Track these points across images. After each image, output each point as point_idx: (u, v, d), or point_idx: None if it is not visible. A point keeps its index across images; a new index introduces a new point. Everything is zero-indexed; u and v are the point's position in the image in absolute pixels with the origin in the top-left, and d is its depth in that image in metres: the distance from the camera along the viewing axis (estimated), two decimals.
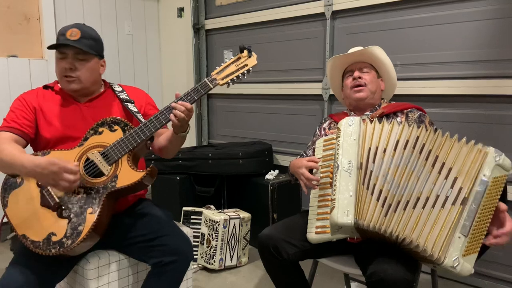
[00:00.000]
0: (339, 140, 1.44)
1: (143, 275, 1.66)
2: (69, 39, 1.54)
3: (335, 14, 2.74)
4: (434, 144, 1.34)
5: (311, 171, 1.55)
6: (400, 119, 1.66)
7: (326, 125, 1.84)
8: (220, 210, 2.64)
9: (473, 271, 1.26)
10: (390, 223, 1.32)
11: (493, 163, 1.28)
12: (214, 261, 2.51)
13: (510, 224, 1.29)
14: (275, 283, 1.67)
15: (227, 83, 1.52)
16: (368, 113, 1.73)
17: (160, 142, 1.66)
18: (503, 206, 1.31)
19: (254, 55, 1.55)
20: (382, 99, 1.80)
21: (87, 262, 1.54)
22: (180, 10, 3.74)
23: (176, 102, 1.48)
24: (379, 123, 1.44)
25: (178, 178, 2.89)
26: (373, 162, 1.39)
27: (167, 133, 1.62)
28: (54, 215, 1.44)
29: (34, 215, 1.45)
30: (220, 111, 3.63)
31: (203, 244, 2.55)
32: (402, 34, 2.47)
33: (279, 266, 1.57)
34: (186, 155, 2.95)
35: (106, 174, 1.48)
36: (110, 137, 1.52)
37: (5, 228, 1.59)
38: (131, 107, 1.65)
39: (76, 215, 1.44)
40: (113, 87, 1.73)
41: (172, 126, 1.54)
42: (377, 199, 1.35)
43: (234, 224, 2.55)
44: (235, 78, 1.53)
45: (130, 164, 1.49)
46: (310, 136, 1.95)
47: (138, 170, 1.49)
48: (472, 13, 2.22)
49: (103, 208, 1.45)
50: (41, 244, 1.41)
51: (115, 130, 1.54)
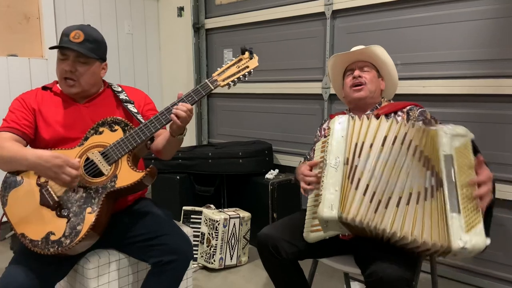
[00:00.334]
0: (329, 139, 1.45)
1: (143, 274, 1.66)
2: (72, 42, 1.53)
3: (335, 13, 2.74)
4: (418, 139, 1.35)
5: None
6: (401, 118, 1.66)
7: (325, 125, 1.84)
8: (220, 210, 2.65)
9: (488, 241, 1.22)
10: (381, 219, 1.29)
11: (445, 137, 1.31)
12: (214, 260, 2.51)
13: (485, 172, 1.30)
14: (275, 282, 1.67)
15: (228, 84, 1.52)
16: (368, 112, 1.73)
17: (157, 143, 1.65)
18: (479, 159, 1.32)
19: (255, 57, 1.55)
20: (382, 98, 1.80)
21: (87, 261, 1.54)
22: (180, 9, 3.74)
23: (177, 103, 1.48)
24: (367, 119, 1.44)
25: (178, 178, 2.89)
26: (358, 157, 1.38)
27: (164, 134, 1.61)
28: (53, 214, 1.44)
29: (33, 214, 1.45)
30: (220, 111, 3.63)
31: (203, 243, 2.55)
32: (402, 33, 2.47)
33: (278, 265, 1.57)
34: (186, 154, 2.95)
35: (106, 174, 1.48)
36: (110, 137, 1.52)
37: (4, 228, 1.59)
38: (130, 107, 1.65)
39: (75, 214, 1.44)
40: (112, 87, 1.72)
41: (170, 128, 1.53)
42: (363, 193, 1.33)
43: (234, 224, 2.55)
44: (236, 80, 1.53)
45: (130, 164, 1.49)
46: (310, 135, 1.95)
47: (138, 171, 1.49)
48: (472, 12, 2.22)
49: (102, 208, 1.45)
50: (39, 243, 1.41)
51: (115, 130, 1.53)
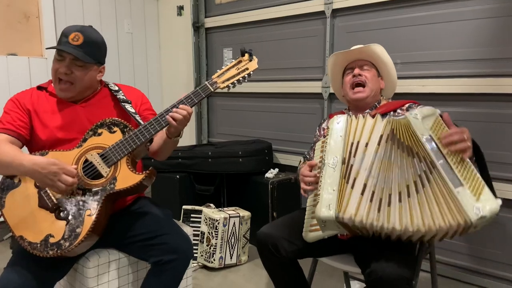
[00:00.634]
0: (327, 138, 1.45)
1: (143, 273, 1.66)
2: (70, 44, 1.50)
3: (335, 12, 2.74)
4: (397, 131, 1.36)
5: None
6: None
7: (325, 125, 1.83)
8: (220, 209, 2.64)
9: (500, 201, 1.22)
10: (387, 218, 1.28)
11: (416, 121, 1.33)
12: (214, 259, 2.51)
13: (452, 128, 1.33)
14: (274, 281, 1.67)
15: (228, 86, 1.52)
16: (367, 111, 1.73)
17: (153, 145, 1.64)
18: (445, 119, 1.36)
19: (255, 59, 1.54)
20: (382, 96, 1.80)
21: (87, 261, 1.54)
22: (180, 8, 3.73)
23: (177, 105, 1.47)
24: (363, 118, 1.44)
25: (177, 177, 2.88)
26: (354, 156, 1.38)
27: (160, 135, 1.59)
28: (52, 216, 1.43)
29: (31, 216, 1.44)
30: (220, 110, 3.62)
31: (203, 242, 2.55)
32: (402, 32, 2.46)
33: (278, 264, 1.58)
34: (186, 153, 2.95)
35: (105, 176, 1.47)
36: (109, 138, 1.51)
37: (3, 228, 1.58)
38: (128, 107, 1.62)
39: (74, 217, 1.43)
40: (109, 86, 1.69)
41: (167, 130, 1.52)
42: (361, 193, 1.32)
43: (234, 223, 2.55)
44: (235, 82, 1.52)
45: (129, 166, 1.48)
46: (309, 134, 1.95)
47: (137, 173, 1.48)
48: (473, 11, 2.21)
49: (101, 210, 1.44)
50: (38, 245, 1.40)
51: (114, 132, 1.52)
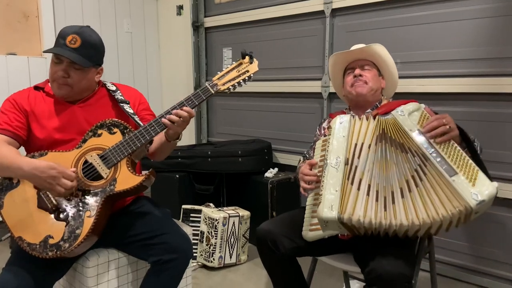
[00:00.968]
0: (329, 138, 1.46)
1: (142, 273, 1.66)
2: (68, 47, 1.48)
3: (335, 12, 2.74)
4: (393, 131, 1.38)
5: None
6: None
7: (325, 124, 1.83)
8: (220, 208, 2.64)
9: (496, 184, 1.24)
10: (394, 215, 1.28)
11: (403, 118, 1.37)
12: (214, 259, 2.51)
13: (433, 117, 1.36)
14: (272, 278, 1.67)
15: (228, 88, 1.52)
16: (368, 111, 1.73)
17: (151, 146, 1.63)
18: (426, 110, 1.41)
19: (255, 61, 1.54)
20: (383, 96, 1.80)
21: (87, 260, 1.54)
22: (179, 8, 3.73)
23: (177, 107, 1.47)
24: (366, 120, 1.45)
25: (177, 176, 2.88)
26: (358, 157, 1.39)
27: (159, 136, 1.58)
28: (51, 217, 1.43)
29: (30, 217, 1.43)
30: (220, 109, 3.62)
31: (202, 242, 2.55)
32: (402, 32, 2.47)
33: (276, 260, 1.58)
34: (185, 153, 2.95)
35: (105, 177, 1.47)
36: (109, 139, 1.50)
37: (2, 227, 1.58)
38: (127, 108, 1.61)
39: (74, 218, 1.43)
40: (107, 85, 1.68)
41: (165, 133, 1.52)
42: (367, 194, 1.33)
43: (234, 222, 2.55)
44: (236, 84, 1.52)
45: (129, 168, 1.48)
46: (309, 134, 1.95)
47: (137, 174, 1.48)
48: (472, 11, 2.21)
49: (101, 211, 1.44)
50: (37, 246, 1.39)
51: (114, 133, 1.51)
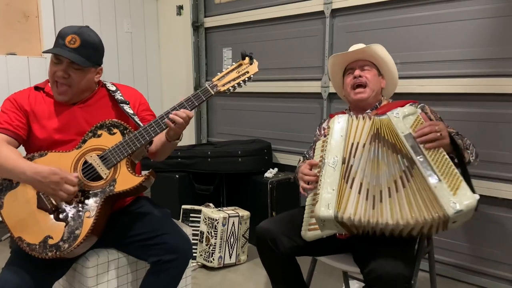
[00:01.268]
0: (328, 138, 1.47)
1: (142, 273, 1.66)
2: (67, 47, 1.48)
3: (335, 12, 2.74)
4: (387, 132, 1.40)
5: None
6: None
7: (325, 124, 1.83)
8: (219, 208, 2.64)
9: (477, 196, 1.24)
10: (381, 213, 1.30)
11: (397, 120, 1.38)
12: (213, 259, 2.51)
13: (427, 122, 1.37)
14: (271, 276, 1.67)
15: (228, 89, 1.52)
16: (368, 111, 1.73)
17: (152, 146, 1.63)
18: (421, 116, 1.40)
19: (255, 62, 1.54)
20: (382, 96, 1.80)
21: (86, 260, 1.54)
22: (179, 8, 3.73)
23: (177, 108, 1.47)
24: (362, 119, 1.46)
25: (177, 176, 2.88)
26: (353, 157, 1.41)
27: (159, 137, 1.58)
28: (50, 218, 1.43)
29: (30, 218, 1.43)
30: (219, 109, 3.62)
31: (202, 242, 2.55)
32: (402, 32, 2.47)
33: (275, 259, 1.58)
34: (185, 153, 2.95)
35: (104, 178, 1.47)
36: (109, 140, 1.50)
37: (2, 227, 1.58)
38: (126, 108, 1.61)
39: (74, 218, 1.42)
40: (106, 86, 1.67)
41: (166, 133, 1.52)
42: (358, 192, 1.35)
43: (233, 222, 2.55)
44: (236, 85, 1.52)
45: (129, 169, 1.48)
46: (309, 134, 1.95)
47: (137, 175, 1.48)
48: (472, 11, 2.21)
49: (100, 212, 1.44)
50: (37, 247, 1.39)
51: (114, 134, 1.51)
